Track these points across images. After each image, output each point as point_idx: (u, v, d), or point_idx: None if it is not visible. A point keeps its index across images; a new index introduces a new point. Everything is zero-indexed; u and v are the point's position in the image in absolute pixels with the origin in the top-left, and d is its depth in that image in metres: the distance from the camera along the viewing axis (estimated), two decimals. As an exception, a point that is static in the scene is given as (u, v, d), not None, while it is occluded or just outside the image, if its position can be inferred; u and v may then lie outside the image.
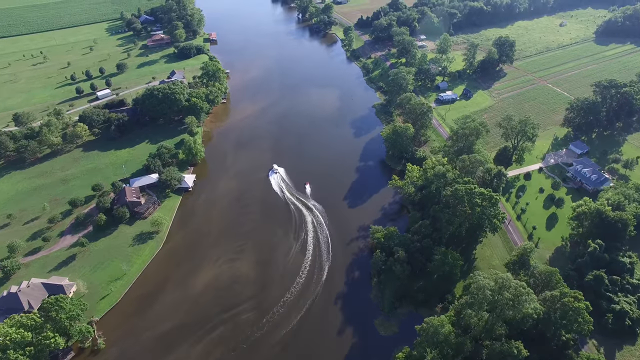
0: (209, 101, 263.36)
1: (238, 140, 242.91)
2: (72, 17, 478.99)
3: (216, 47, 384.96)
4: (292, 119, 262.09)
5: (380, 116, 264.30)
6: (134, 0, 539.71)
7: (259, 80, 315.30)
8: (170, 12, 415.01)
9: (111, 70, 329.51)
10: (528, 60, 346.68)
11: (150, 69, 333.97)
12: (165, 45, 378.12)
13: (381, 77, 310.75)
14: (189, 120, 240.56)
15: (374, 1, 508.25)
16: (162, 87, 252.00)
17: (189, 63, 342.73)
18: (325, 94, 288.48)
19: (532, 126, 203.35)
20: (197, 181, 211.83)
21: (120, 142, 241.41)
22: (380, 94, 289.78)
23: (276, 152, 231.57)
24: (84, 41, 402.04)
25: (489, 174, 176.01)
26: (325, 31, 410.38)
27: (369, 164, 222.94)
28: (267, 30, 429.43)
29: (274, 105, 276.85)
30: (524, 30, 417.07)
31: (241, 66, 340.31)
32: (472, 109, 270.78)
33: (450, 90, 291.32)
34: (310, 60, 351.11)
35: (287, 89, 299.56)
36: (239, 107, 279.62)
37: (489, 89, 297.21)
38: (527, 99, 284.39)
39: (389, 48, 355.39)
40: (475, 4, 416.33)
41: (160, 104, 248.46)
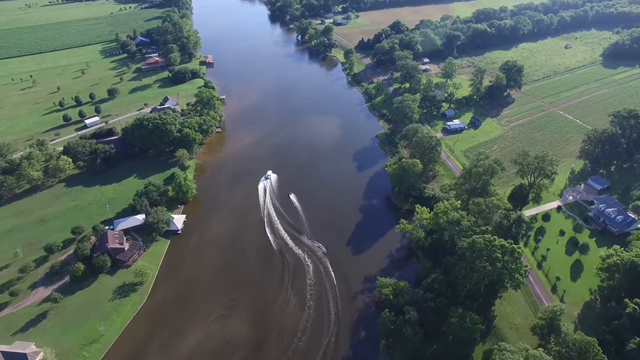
0: (202, 131, 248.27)
1: (233, 175, 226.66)
2: (66, 38, 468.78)
3: (212, 70, 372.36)
4: (290, 150, 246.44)
5: (385, 147, 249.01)
6: (130, 21, 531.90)
7: (256, 106, 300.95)
8: (165, 34, 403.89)
9: (102, 96, 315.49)
10: (536, 84, 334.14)
11: (142, 95, 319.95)
12: (159, 68, 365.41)
13: (384, 104, 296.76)
14: (180, 153, 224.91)
15: (374, 22, 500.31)
16: (153, 117, 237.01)
17: (183, 88, 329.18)
18: (326, 123, 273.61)
19: (550, 162, 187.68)
20: (187, 221, 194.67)
21: (106, 176, 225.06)
22: (384, 122, 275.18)
23: (273, 187, 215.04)
24: (76, 64, 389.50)
25: (507, 219, 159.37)
26: (325, 54, 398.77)
27: (373, 202, 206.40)
28: (266, 52, 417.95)
29: (272, 135, 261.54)
30: (529, 52, 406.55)
31: (238, 91, 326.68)
32: (482, 138, 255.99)
33: (457, 118, 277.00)
34: (309, 84, 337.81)
35: (286, 116, 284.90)
36: (235, 136, 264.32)
37: (498, 116, 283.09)
38: (538, 127, 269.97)
39: (392, 72, 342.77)
40: (478, 26, 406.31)
41: (151, 135, 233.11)
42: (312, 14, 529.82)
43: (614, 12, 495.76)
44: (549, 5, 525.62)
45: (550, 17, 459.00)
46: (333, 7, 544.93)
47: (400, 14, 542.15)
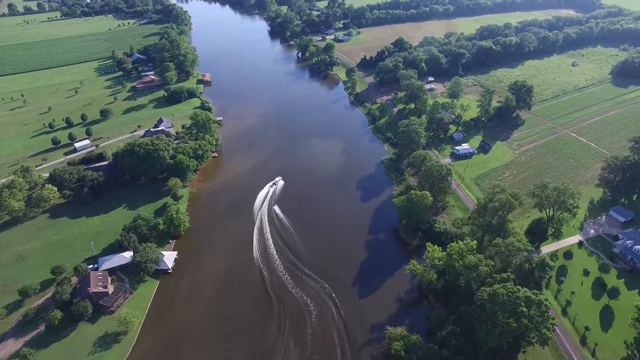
0: (197, 157, 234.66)
1: (229, 205, 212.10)
2: (62, 55, 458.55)
3: (210, 89, 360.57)
4: (291, 177, 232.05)
5: (390, 174, 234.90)
6: (128, 38, 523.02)
7: (255, 128, 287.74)
8: (162, 52, 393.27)
9: (94, 117, 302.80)
10: (545, 104, 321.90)
11: (136, 115, 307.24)
12: (155, 87, 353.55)
13: (389, 126, 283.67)
14: (172, 183, 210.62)
15: (375, 39, 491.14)
16: (145, 143, 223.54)
17: (179, 108, 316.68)
18: (328, 147, 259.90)
19: (571, 195, 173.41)
20: (178, 259, 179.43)
21: (93, 206, 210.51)
22: (389, 146, 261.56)
23: (272, 220, 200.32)
24: (70, 82, 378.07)
25: (529, 263, 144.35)
26: (326, 72, 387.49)
27: (379, 236, 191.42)
28: (265, 69, 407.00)
29: (271, 161, 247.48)
30: (535, 70, 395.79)
31: (235, 111, 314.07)
32: (492, 164, 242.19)
33: (466, 141, 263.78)
34: (310, 104, 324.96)
35: (286, 139, 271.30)
36: (232, 161, 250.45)
37: (508, 139, 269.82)
38: (551, 151, 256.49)
39: (396, 92, 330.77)
40: (483, 44, 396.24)
41: (142, 162, 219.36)
42: (313, 30, 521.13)
43: (619, 29, 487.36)
44: (553, 21, 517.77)
45: (555, 34, 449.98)
46: (334, 23, 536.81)
47: (403, 30, 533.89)
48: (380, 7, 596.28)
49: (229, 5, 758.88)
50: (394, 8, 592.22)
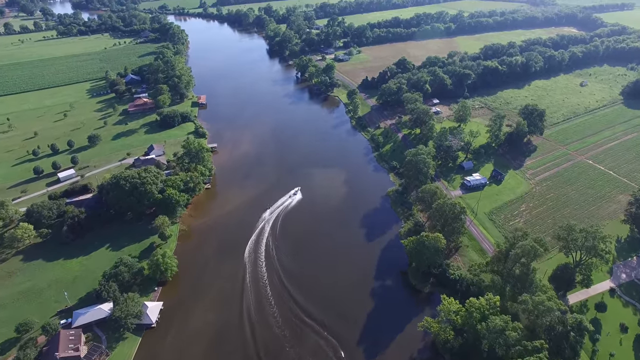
0: (188, 190, 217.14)
1: (222, 244, 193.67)
2: (54, 76, 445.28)
3: (205, 112, 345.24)
4: (289, 214, 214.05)
5: (397, 208, 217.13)
6: (123, 57, 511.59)
7: (251, 156, 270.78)
8: (157, 73, 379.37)
9: (82, 143, 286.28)
10: (557, 128, 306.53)
11: (126, 142, 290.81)
12: (148, 110, 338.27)
13: (394, 154, 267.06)
14: (160, 221, 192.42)
15: (377, 58, 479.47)
16: (131, 176, 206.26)
17: (171, 134, 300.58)
18: (329, 178, 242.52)
19: (602, 239, 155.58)
20: (164, 310, 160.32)
21: (73, 247, 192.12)
22: (394, 176, 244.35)
23: (270, 264, 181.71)
24: (60, 104, 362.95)
25: (563, 325, 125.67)
26: (326, 93, 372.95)
27: (386, 282, 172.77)
28: (263, 91, 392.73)
29: (268, 193, 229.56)
30: (543, 91, 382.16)
31: (231, 137, 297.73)
32: (506, 197, 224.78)
33: (476, 171, 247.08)
34: (310, 129, 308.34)
35: (284, 169, 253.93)
36: (226, 194, 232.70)
37: (521, 167, 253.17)
38: (568, 181, 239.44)
39: (400, 115, 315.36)
40: (489, 64, 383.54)
41: (128, 197, 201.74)
42: (312, 49, 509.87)
43: (625, 48, 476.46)
44: (557, 40, 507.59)
45: (561, 53, 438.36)
46: (334, 42, 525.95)
47: (404, 49, 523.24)
48: (381, 25, 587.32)
49: (228, 24, 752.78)
50: (395, 26, 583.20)
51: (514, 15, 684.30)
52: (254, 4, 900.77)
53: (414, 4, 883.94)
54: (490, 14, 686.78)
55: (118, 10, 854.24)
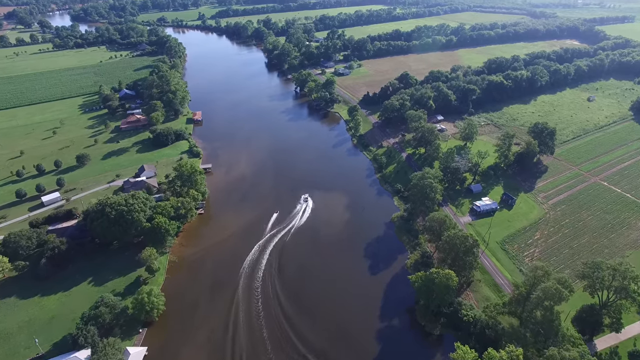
0: (179, 217, 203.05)
1: (214, 278, 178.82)
2: (46, 90, 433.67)
3: (200, 129, 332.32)
4: (288, 243, 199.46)
5: (402, 236, 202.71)
6: (118, 71, 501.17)
7: (248, 178, 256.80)
8: (151, 88, 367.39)
9: (69, 163, 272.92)
10: (567, 147, 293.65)
11: (117, 162, 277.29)
12: (141, 127, 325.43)
13: (398, 176, 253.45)
14: (147, 254, 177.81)
15: (378, 72, 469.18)
16: (117, 202, 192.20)
17: (164, 153, 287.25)
18: (330, 202, 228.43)
19: (633, 279, 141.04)
20: (148, 356, 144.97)
21: (52, 281, 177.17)
22: (399, 200, 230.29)
23: (266, 302, 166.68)
24: (50, 121, 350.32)
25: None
26: (326, 109, 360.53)
27: (393, 322, 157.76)
28: (261, 106, 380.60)
29: (265, 220, 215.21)
30: (549, 106, 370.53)
31: (227, 156, 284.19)
32: (519, 223, 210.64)
33: (485, 194, 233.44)
34: (309, 148, 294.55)
35: (282, 192, 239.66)
36: (221, 220, 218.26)
37: (532, 190, 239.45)
38: (583, 205, 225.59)
39: (403, 133, 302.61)
40: (494, 79, 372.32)
41: (113, 227, 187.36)
42: (312, 62, 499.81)
43: (631, 61, 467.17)
44: (561, 53, 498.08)
45: (566, 66, 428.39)
46: (334, 55, 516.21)
47: (405, 62, 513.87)
48: (382, 38, 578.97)
49: (226, 36, 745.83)
50: (396, 39, 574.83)
51: (516, 27, 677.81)
52: (252, 16, 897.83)
53: (414, 16, 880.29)
54: (491, 27, 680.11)
55: (116, 23, 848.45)
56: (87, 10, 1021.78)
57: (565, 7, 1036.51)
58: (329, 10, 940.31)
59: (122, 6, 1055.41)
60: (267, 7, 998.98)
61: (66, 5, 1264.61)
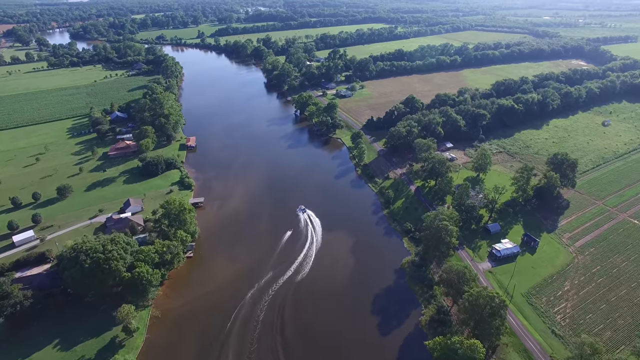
0: (164, 263, 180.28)
1: (202, 337, 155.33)
2: (35, 112, 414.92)
3: (194, 157, 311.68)
4: (287, 293, 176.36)
5: (415, 286, 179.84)
6: (112, 91, 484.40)
7: (243, 214, 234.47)
8: (143, 112, 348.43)
9: (50, 195, 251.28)
10: (587, 177, 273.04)
11: (101, 194, 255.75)
12: (130, 154, 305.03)
13: (407, 212, 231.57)
14: (124, 312, 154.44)
15: (381, 94, 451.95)
16: (94, 248, 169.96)
17: (153, 184, 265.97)
18: (333, 245, 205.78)
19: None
20: None
21: (10, 343, 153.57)
22: (409, 242, 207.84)
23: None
24: (34, 146, 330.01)
25: None
26: (328, 135, 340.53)
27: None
28: (259, 131, 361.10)
29: (261, 267, 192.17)
30: (563, 131, 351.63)
31: (221, 189, 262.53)
32: (545, 270, 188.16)
33: (504, 234, 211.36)
34: (310, 179, 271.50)
35: (281, 232, 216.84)
36: (212, 265, 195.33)
37: (555, 230, 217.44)
38: (615, 247, 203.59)
39: (411, 163, 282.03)
40: (504, 102, 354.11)
41: (88, 277, 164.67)
42: (313, 83, 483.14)
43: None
44: (570, 74, 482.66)
45: (577, 89, 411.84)
46: (335, 76, 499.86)
47: (409, 83, 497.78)
48: (384, 58, 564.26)
49: (225, 55, 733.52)
50: (399, 59, 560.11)
51: (520, 47, 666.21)
52: (252, 34, 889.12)
53: (416, 35, 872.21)
54: (495, 46, 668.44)
55: (114, 41, 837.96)
56: (86, 28, 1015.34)
57: (566, 27, 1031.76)
58: (330, 29, 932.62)
59: (121, 24, 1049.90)
60: (268, 26, 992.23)
61: (67, 23, 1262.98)
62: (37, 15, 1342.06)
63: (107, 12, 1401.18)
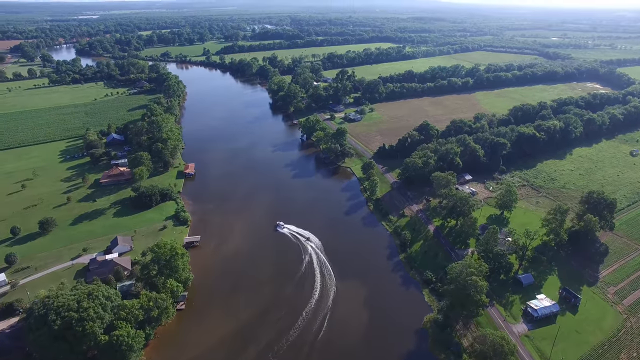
0: (150, 321, 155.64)
1: None
2: (29, 132, 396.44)
3: (191, 185, 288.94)
4: (293, 357, 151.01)
5: (440, 353, 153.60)
6: (111, 110, 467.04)
7: (243, 256, 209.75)
8: (140, 136, 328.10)
9: (31, 229, 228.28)
10: (624, 216, 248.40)
11: (88, 228, 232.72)
12: (124, 182, 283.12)
13: (426, 258, 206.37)
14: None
15: (392, 118, 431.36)
16: (67, 305, 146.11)
17: (146, 218, 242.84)
18: (344, 297, 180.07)
19: None
20: None
21: None
22: (430, 295, 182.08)
23: None
24: (23, 171, 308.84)
25: None
26: (336, 163, 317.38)
27: None
28: (263, 157, 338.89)
29: (264, 320, 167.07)
30: (589, 162, 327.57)
31: (219, 224, 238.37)
32: (592, 336, 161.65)
33: (538, 287, 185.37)
34: (317, 215, 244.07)
35: (285, 280, 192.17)
36: (205, 319, 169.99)
37: (597, 282, 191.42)
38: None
39: (427, 198, 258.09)
40: (525, 130, 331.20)
41: (57, 341, 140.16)
42: (320, 105, 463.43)
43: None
44: (590, 99, 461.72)
45: (601, 115, 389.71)
46: (343, 97, 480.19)
47: (421, 106, 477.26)
48: (394, 79, 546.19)
49: (230, 73, 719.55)
50: (409, 81, 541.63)
51: (533, 69, 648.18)
52: (258, 52, 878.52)
53: (424, 55, 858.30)
54: (507, 68, 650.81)
55: (119, 57, 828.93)
56: (92, 44, 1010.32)
57: (575, 48, 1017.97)
58: (337, 48, 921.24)
59: (127, 40, 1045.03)
60: (274, 44, 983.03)
61: (74, 39, 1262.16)
62: (46, 31, 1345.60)
63: (114, 28, 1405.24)
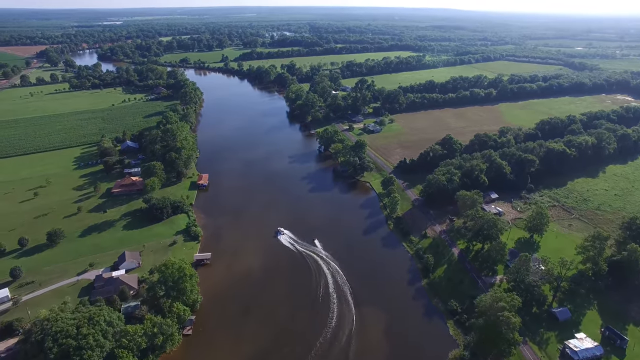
0: (153, 348, 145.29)
1: None
2: (46, 138, 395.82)
3: (205, 197, 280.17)
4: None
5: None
6: (128, 117, 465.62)
7: (256, 276, 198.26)
8: (154, 144, 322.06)
9: (39, 240, 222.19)
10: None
11: (96, 241, 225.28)
12: (135, 192, 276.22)
13: (449, 284, 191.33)
14: None
15: (413, 129, 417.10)
16: (65, 331, 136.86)
17: (156, 232, 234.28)
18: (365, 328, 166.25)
19: None
20: None
21: None
22: (455, 328, 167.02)
23: None
24: (36, 177, 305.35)
25: None
26: (355, 177, 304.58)
27: None
28: (279, 169, 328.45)
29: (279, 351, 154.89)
30: (624, 181, 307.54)
31: (232, 240, 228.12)
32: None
33: (576, 323, 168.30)
34: (336, 233, 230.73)
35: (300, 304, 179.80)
36: (214, 347, 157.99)
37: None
38: None
39: (451, 217, 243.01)
40: (554, 146, 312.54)
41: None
42: (338, 115, 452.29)
43: None
44: (622, 113, 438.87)
45: (636, 130, 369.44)
46: (362, 107, 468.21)
47: (442, 118, 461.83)
48: (414, 89, 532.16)
49: (248, 80, 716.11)
50: (430, 91, 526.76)
51: (559, 80, 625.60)
52: (277, 59, 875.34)
53: (445, 64, 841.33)
54: (532, 79, 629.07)
55: (138, 63, 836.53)
56: (113, 50, 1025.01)
57: (602, 58, 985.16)
58: (356, 56, 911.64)
59: (147, 46, 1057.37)
60: (292, 51, 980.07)
61: (97, 44, 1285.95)
62: (71, 36, 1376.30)
63: (136, 34, 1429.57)
